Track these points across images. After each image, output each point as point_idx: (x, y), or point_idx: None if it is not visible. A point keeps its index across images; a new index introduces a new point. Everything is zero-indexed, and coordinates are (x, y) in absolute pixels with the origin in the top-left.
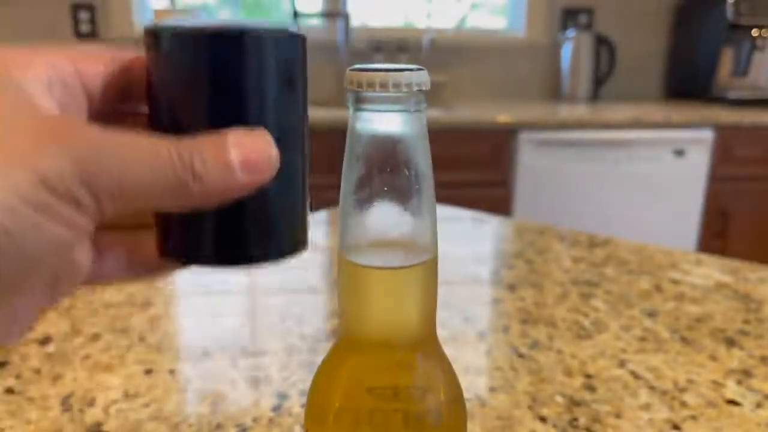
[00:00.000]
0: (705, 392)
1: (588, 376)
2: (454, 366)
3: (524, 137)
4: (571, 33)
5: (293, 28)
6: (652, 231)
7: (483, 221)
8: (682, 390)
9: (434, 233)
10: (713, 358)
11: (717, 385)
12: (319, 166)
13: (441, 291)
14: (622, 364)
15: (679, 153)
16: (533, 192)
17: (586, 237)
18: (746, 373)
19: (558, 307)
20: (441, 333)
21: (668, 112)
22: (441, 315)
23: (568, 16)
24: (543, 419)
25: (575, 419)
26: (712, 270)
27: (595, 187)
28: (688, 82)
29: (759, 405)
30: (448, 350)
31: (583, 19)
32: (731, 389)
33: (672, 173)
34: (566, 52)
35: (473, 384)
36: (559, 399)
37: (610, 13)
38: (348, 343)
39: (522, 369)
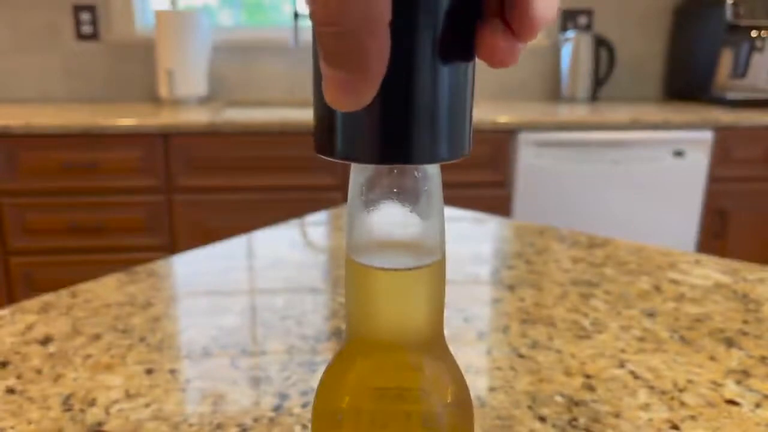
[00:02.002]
0: (704, 392)
1: (587, 376)
2: None
3: (524, 138)
4: (570, 34)
5: None
6: (652, 231)
7: (483, 221)
8: (682, 390)
9: (443, 234)
10: (712, 358)
11: (716, 385)
12: (319, 167)
13: None
14: (621, 364)
15: (679, 154)
16: (533, 192)
17: (585, 237)
18: (745, 373)
19: (557, 308)
20: None
21: (667, 113)
22: None
23: (568, 18)
24: (542, 419)
25: (575, 419)
26: (711, 270)
27: (594, 187)
28: (687, 83)
29: (758, 405)
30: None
31: (582, 20)
32: (730, 389)
33: (671, 174)
34: (566, 53)
35: (473, 384)
36: (558, 399)
37: (610, 14)
38: (356, 344)
39: (522, 369)
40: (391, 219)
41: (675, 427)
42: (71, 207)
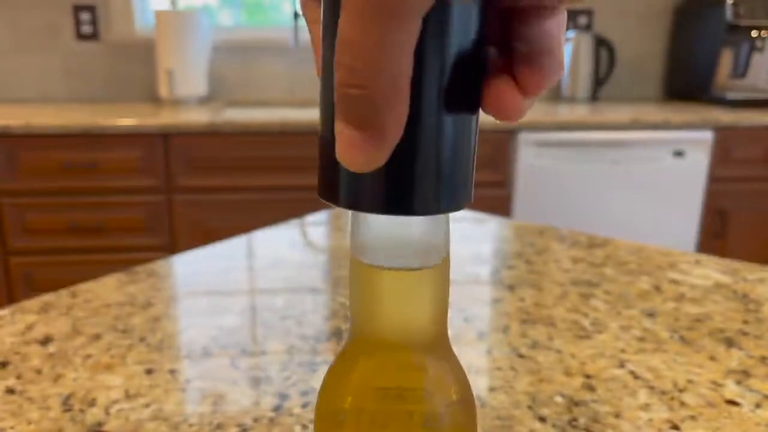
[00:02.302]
0: (704, 392)
1: (587, 376)
2: None
3: (524, 138)
4: (570, 34)
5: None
6: (652, 231)
7: (483, 221)
8: (682, 390)
9: (447, 234)
10: (712, 358)
11: (716, 385)
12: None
13: None
14: (621, 364)
15: (679, 154)
16: (533, 192)
17: (585, 237)
18: (745, 374)
19: (557, 308)
20: None
21: (667, 113)
22: None
23: (568, 17)
24: (542, 419)
25: (575, 419)
26: (711, 270)
27: (594, 187)
28: (687, 83)
29: (758, 405)
30: None
31: (582, 20)
32: (730, 389)
33: (671, 174)
34: (566, 53)
35: (473, 384)
36: (558, 399)
37: (610, 14)
38: (359, 344)
39: (522, 369)
40: (395, 218)
41: (675, 427)
42: (71, 207)
